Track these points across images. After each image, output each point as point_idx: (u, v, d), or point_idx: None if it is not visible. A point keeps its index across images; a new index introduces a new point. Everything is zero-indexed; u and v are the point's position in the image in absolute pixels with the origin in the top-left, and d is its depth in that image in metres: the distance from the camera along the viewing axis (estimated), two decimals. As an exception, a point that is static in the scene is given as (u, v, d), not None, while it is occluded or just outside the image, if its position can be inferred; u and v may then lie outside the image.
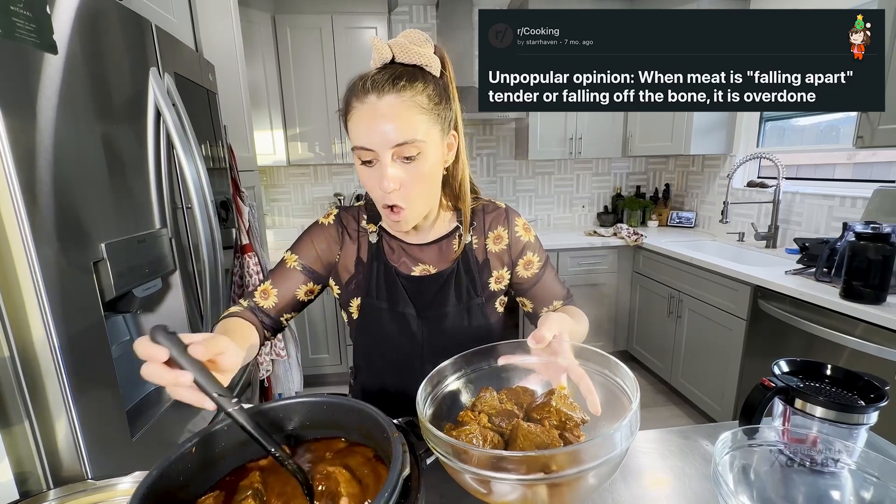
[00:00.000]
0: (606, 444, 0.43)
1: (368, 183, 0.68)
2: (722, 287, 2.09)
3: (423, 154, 0.66)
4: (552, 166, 3.30)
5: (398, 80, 0.64)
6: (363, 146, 0.65)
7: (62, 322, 0.74)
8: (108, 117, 0.89)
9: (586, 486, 0.47)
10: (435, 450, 0.47)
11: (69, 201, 0.78)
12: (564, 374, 0.57)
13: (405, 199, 0.68)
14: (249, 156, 2.01)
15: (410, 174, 0.66)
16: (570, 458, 0.43)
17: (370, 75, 0.65)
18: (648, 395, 2.67)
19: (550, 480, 0.43)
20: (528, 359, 0.62)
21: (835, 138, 2.26)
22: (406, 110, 0.64)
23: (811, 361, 0.69)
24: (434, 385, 0.60)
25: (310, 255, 0.81)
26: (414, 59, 0.67)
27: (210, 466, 0.48)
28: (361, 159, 0.67)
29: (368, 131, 0.64)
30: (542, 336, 0.55)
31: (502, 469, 0.43)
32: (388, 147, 0.64)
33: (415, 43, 0.67)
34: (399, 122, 0.63)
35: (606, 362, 0.57)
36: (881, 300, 1.47)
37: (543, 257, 0.86)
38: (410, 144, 0.64)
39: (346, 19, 2.58)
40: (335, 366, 2.76)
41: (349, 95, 0.67)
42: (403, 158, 0.65)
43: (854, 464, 0.55)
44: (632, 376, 0.53)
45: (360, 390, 0.88)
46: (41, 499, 0.57)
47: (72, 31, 0.80)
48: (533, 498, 0.46)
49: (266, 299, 0.79)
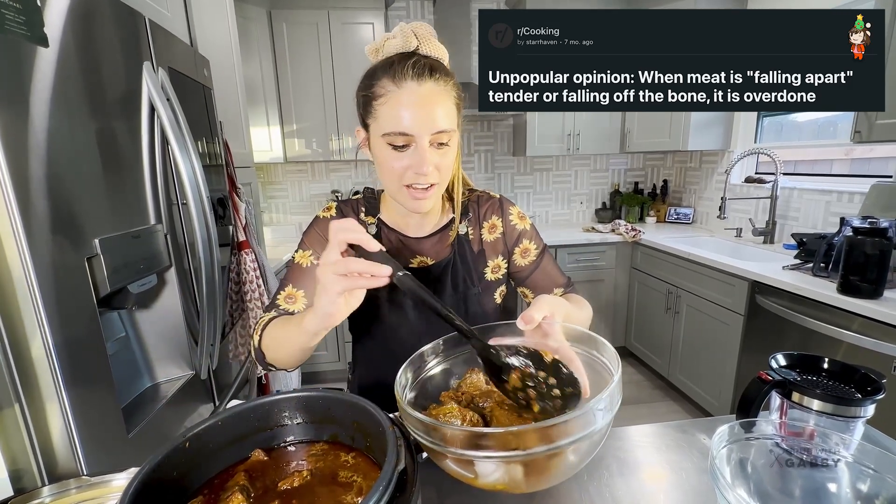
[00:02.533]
0: (586, 417, 0.43)
1: (398, 165, 0.67)
2: (719, 283, 2.09)
3: (451, 142, 0.68)
4: (550, 163, 3.29)
5: (434, 71, 0.65)
6: (403, 131, 0.64)
7: (56, 318, 0.73)
8: (102, 112, 0.88)
9: (568, 461, 0.47)
10: (412, 430, 0.46)
11: (62, 196, 0.77)
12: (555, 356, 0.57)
13: (437, 181, 0.70)
14: (246, 152, 2.00)
15: (442, 160, 0.68)
16: (546, 434, 0.42)
17: (408, 61, 0.65)
18: (646, 390, 2.68)
19: (528, 456, 0.42)
20: (518, 340, 0.62)
21: (832, 134, 2.26)
22: (447, 99, 0.66)
23: (808, 355, 0.69)
24: (416, 368, 0.61)
25: (322, 248, 0.80)
26: (436, 53, 0.68)
27: (205, 461, 0.48)
28: (395, 144, 0.66)
29: (411, 116, 0.64)
30: (531, 317, 0.55)
31: (479, 447, 0.42)
32: (430, 132, 0.65)
33: (433, 35, 0.68)
34: (442, 110, 0.65)
35: (594, 342, 0.58)
36: (878, 295, 1.47)
37: (541, 245, 0.85)
38: (447, 132, 0.66)
39: (343, 15, 2.57)
40: (333, 363, 2.76)
41: (379, 78, 0.66)
42: (437, 144, 0.67)
43: (851, 456, 0.54)
44: (614, 352, 0.53)
45: (357, 385, 0.88)
46: (34, 495, 0.56)
47: (64, 25, 0.79)
48: (516, 477, 0.45)
49: (294, 303, 0.76)
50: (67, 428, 0.76)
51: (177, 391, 1.10)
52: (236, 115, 1.90)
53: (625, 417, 2.30)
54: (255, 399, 0.52)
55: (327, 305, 0.53)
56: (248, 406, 0.51)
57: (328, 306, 0.53)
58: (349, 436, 0.52)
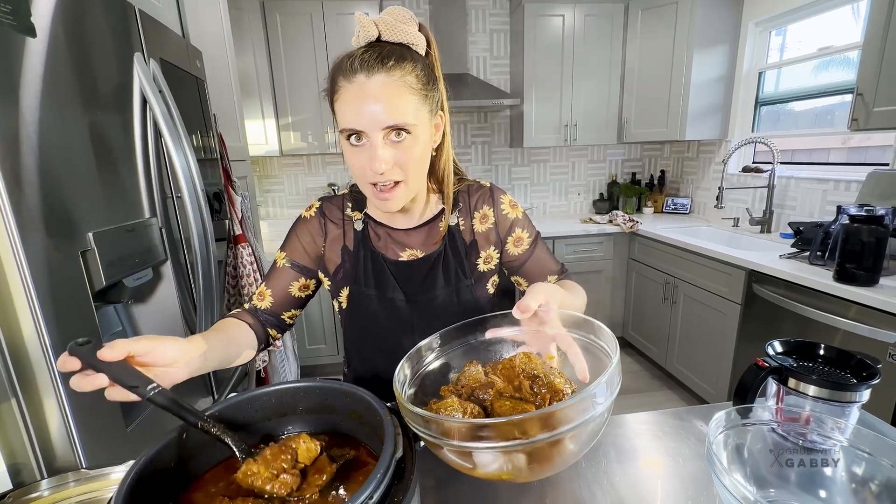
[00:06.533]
0: (586, 401, 0.43)
1: (356, 164, 0.66)
2: (717, 272, 2.10)
3: (413, 135, 0.65)
4: (547, 153, 3.28)
5: (387, 60, 0.62)
6: (353, 128, 0.63)
7: (51, 312, 0.73)
8: (94, 104, 0.87)
9: (569, 448, 0.47)
10: (411, 425, 0.46)
11: (55, 190, 0.76)
12: (553, 342, 0.56)
13: (401, 178, 0.67)
14: (241, 146, 1.98)
15: (401, 155, 0.65)
16: (547, 421, 0.42)
17: (357, 54, 0.63)
18: (644, 380, 2.70)
19: (530, 445, 0.42)
20: (515, 330, 0.62)
21: (829, 122, 2.25)
22: (397, 90, 0.62)
23: (805, 342, 0.69)
24: (415, 363, 0.60)
25: (297, 250, 0.81)
26: (400, 38, 0.65)
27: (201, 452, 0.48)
28: (350, 141, 0.65)
29: (358, 112, 0.62)
30: (527, 305, 0.54)
31: (480, 438, 0.42)
32: (379, 128, 0.62)
33: (400, 21, 0.65)
34: (390, 103, 0.62)
35: (590, 327, 0.57)
36: (874, 282, 1.48)
37: (534, 233, 0.85)
38: (401, 126, 0.63)
39: (337, 5, 2.54)
40: (332, 356, 2.76)
41: (335, 75, 0.65)
42: (394, 139, 0.64)
43: (846, 441, 0.55)
44: (612, 335, 0.53)
45: (352, 378, 0.88)
46: (33, 488, 0.56)
47: (53, 15, 0.77)
48: (517, 465, 0.45)
49: (262, 300, 0.81)
50: (65, 422, 0.76)
51: (174, 385, 1.09)
52: (231, 107, 1.88)
53: (623, 407, 2.31)
54: (253, 389, 0.52)
55: None
56: (245, 397, 0.51)
57: None
58: (348, 426, 0.52)
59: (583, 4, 2.72)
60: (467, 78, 2.82)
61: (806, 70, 2.34)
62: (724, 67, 2.63)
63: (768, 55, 2.54)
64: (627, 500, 0.59)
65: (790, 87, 2.45)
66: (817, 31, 2.28)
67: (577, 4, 2.71)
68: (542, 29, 2.73)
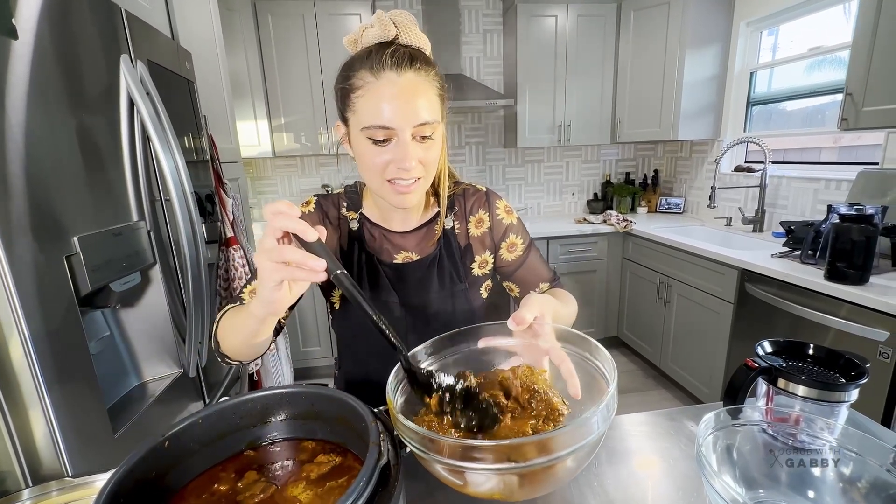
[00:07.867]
0: (583, 428, 0.42)
1: (378, 160, 0.65)
2: (710, 271, 2.11)
3: (436, 135, 0.66)
4: (541, 154, 3.28)
5: (415, 60, 0.63)
6: (383, 124, 0.62)
7: (35, 317, 0.72)
8: (80, 106, 0.86)
9: (563, 470, 0.47)
10: (404, 438, 0.45)
11: (39, 193, 0.75)
12: (546, 356, 0.56)
13: (423, 175, 0.68)
14: (233, 147, 1.97)
15: (425, 153, 0.66)
16: (543, 446, 0.41)
17: (386, 51, 0.62)
18: (639, 379, 2.70)
19: (524, 469, 0.41)
20: (509, 341, 0.61)
21: (821, 122, 2.27)
22: (428, 89, 0.64)
23: (794, 342, 0.69)
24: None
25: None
26: (416, 42, 0.65)
27: (185, 460, 0.47)
28: (375, 138, 0.63)
29: (391, 108, 0.61)
30: (522, 317, 0.54)
31: (473, 459, 0.41)
32: (412, 125, 0.62)
33: (412, 23, 0.66)
34: (423, 101, 0.63)
35: (586, 345, 0.56)
36: (864, 281, 1.49)
37: (527, 239, 0.85)
38: (430, 124, 0.64)
39: (330, 5, 2.53)
40: (326, 358, 2.75)
41: (358, 69, 0.63)
42: (420, 138, 0.64)
43: (835, 440, 0.55)
44: (610, 359, 0.52)
45: (343, 380, 0.87)
46: (14, 498, 0.55)
47: (39, 17, 0.76)
48: (509, 485, 0.45)
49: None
50: (50, 429, 0.75)
51: (164, 390, 1.08)
52: (222, 109, 1.86)
53: (617, 406, 2.31)
54: (236, 396, 0.51)
55: (269, 293, 0.50)
56: (229, 404, 0.51)
57: (270, 294, 0.50)
58: (334, 432, 0.51)
59: (575, 5, 2.72)
60: (461, 78, 2.81)
61: (798, 70, 2.35)
62: (716, 67, 2.64)
63: (760, 55, 2.56)
64: (617, 502, 0.59)
65: (782, 86, 2.46)
66: (809, 30, 2.29)
67: (570, 5, 2.72)
68: (535, 29, 2.73)
